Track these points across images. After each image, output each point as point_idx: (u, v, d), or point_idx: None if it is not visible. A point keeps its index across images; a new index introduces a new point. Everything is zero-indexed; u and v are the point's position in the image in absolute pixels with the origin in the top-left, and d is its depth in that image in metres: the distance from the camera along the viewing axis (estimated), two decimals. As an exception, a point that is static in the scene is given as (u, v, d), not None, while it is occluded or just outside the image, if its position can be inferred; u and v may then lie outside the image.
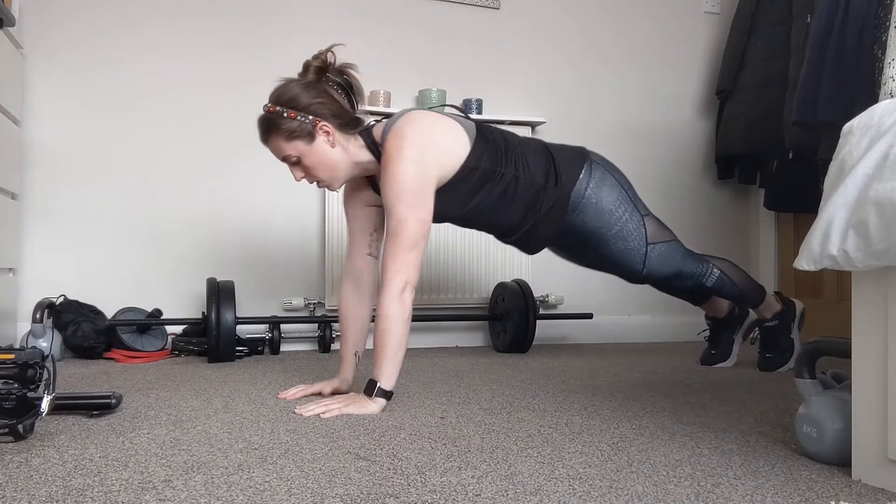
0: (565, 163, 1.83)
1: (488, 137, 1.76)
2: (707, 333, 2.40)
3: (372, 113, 2.77)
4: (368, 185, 1.82)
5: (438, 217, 1.70)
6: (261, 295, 2.72)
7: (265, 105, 1.67)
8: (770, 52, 2.87)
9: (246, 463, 1.14)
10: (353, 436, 1.33)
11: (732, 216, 3.39)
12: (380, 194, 1.72)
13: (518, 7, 3.09)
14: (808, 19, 2.43)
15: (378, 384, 1.58)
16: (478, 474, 1.10)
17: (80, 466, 1.12)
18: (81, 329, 2.35)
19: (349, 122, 1.70)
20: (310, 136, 1.64)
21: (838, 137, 1.14)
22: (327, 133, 1.65)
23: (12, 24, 2.25)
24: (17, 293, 2.46)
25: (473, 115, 2.89)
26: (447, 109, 1.84)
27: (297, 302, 2.72)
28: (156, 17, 2.67)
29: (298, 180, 1.72)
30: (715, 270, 2.05)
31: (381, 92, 2.81)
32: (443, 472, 1.11)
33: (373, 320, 1.69)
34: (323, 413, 1.51)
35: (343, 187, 1.84)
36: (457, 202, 1.75)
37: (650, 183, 3.25)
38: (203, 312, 2.46)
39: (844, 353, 1.18)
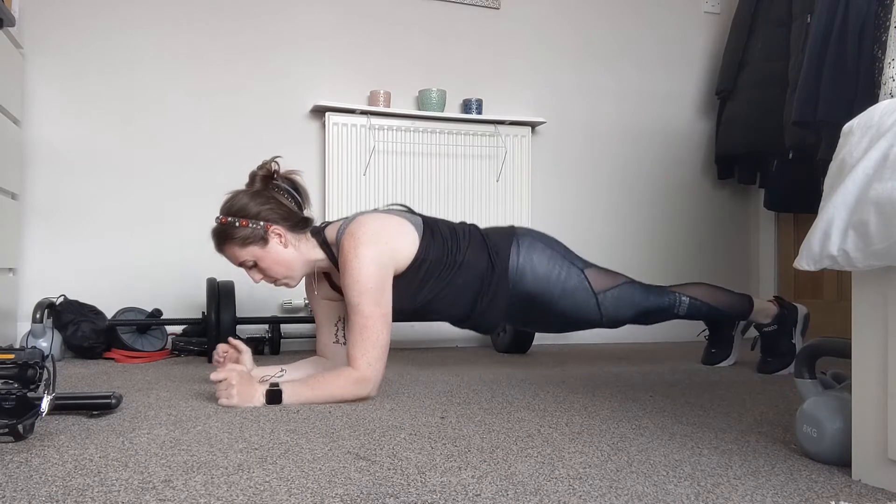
0: (498, 243, 1.92)
1: (434, 231, 1.86)
2: (706, 333, 2.40)
3: (372, 113, 2.77)
4: (325, 281, 1.92)
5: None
6: (261, 295, 2.72)
7: (217, 217, 1.76)
8: (770, 52, 2.87)
9: (246, 463, 1.14)
10: (353, 436, 1.33)
11: (732, 216, 3.39)
12: (336, 290, 1.86)
13: (518, 7, 3.09)
14: (808, 19, 2.43)
15: (280, 388, 1.60)
16: (478, 474, 1.10)
17: (80, 466, 1.11)
18: (81, 329, 2.35)
19: (298, 223, 1.79)
20: (263, 240, 1.73)
21: (838, 137, 1.14)
22: (279, 235, 1.75)
23: (12, 25, 2.25)
24: (17, 293, 2.46)
25: (473, 115, 2.90)
26: (394, 208, 1.92)
27: (297, 302, 2.72)
28: (156, 17, 2.67)
29: (257, 282, 1.82)
30: (683, 299, 2.09)
31: (381, 92, 2.81)
32: (443, 472, 1.11)
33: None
34: (221, 402, 1.57)
35: (303, 282, 1.92)
36: (407, 294, 1.82)
37: (650, 183, 3.26)
38: (203, 312, 2.46)
39: (844, 353, 1.18)
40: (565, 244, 2.03)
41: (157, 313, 2.52)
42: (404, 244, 1.79)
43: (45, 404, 1.30)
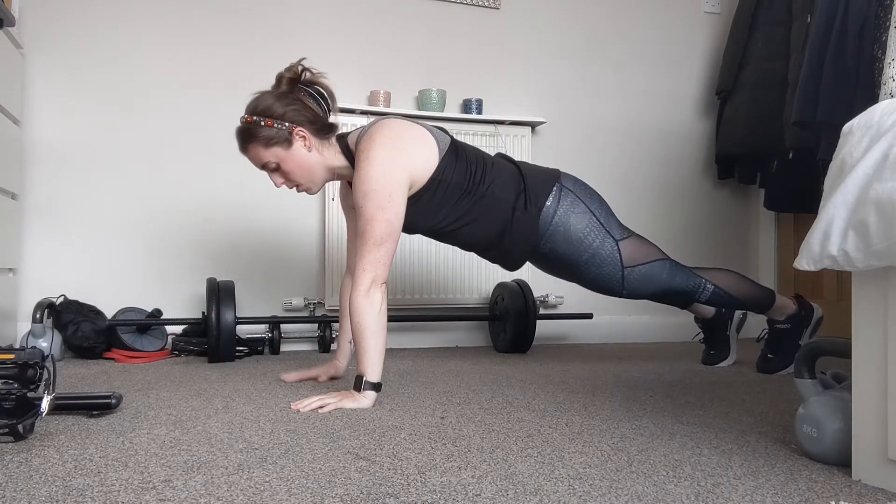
0: (535, 186, 1.86)
1: (460, 154, 1.80)
2: (701, 336, 2.41)
3: (372, 113, 2.77)
4: (350, 189, 1.87)
5: (408, 227, 1.75)
6: (261, 295, 2.72)
7: (242, 117, 1.75)
8: (770, 52, 2.87)
9: (246, 463, 1.14)
10: (353, 436, 1.33)
11: (732, 216, 3.39)
12: None
13: (518, 7, 3.09)
14: (808, 19, 2.43)
15: (364, 378, 1.62)
16: (478, 474, 1.10)
17: (80, 466, 1.12)
18: (81, 329, 2.35)
19: (324, 128, 1.77)
20: (287, 141, 1.72)
21: (838, 137, 1.14)
22: (304, 138, 1.72)
23: (12, 24, 2.25)
24: (17, 293, 2.46)
25: (473, 115, 2.90)
26: (421, 123, 1.86)
27: (297, 302, 2.72)
28: (155, 17, 2.67)
29: (278, 186, 1.80)
30: (709, 286, 2.02)
31: (381, 92, 2.81)
32: (443, 472, 1.11)
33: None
34: (320, 409, 1.55)
35: (339, 189, 1.91)
36: (425, 214, 1.79)
37: (650, 183, 3.26)
38: (203, 312, 2.46)
39: (844, 353, 1.18)
40: (607, 204, 1.96)
41: (157, 313, 2.52)
42: (422, 155, 1.73)
43: (45, 404, 1.30)
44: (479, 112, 2.92)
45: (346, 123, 2.75)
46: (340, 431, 1.36)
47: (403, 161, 1.69)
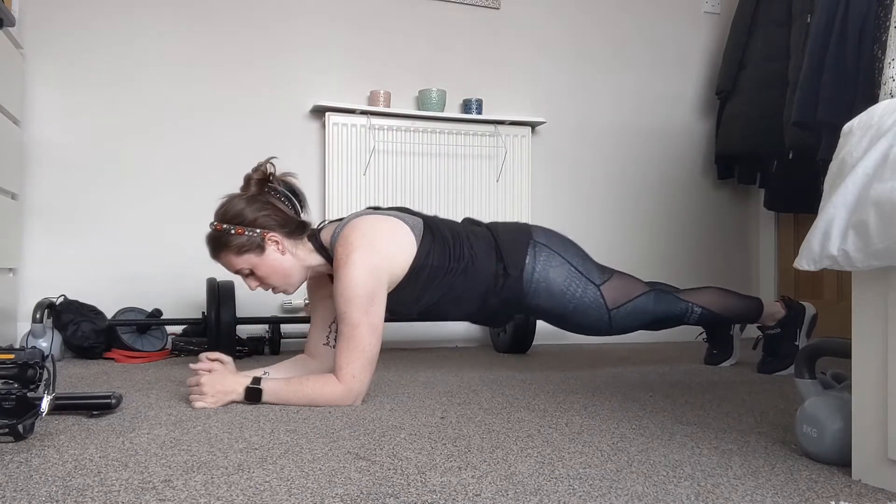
0: (511, 249, 1.85)
1: (436, 234, 1.78)
2: (704, 335, 2.41)
3: (372, 113, 2.77)
4: (328, 280, 1.82)
5: (389, 316, 1.70)
6: (261, 295, 2.71)
7: (211, 223, 1.71)
8: (770, 52, 2.87)
9: (246, 463, 1.14)
10: (353, 436, 1.33)
11: (732, 216, 3.39)
12: None
13: (518, 7, 3.09)
14: (808, 19, 2.43)
15: (262, 387, 1.58)
16: (478, 474, 1.10)
17: (80, 466, 1.11)
18: (81, 329, 2.35)
19: (296, 229, 1.74)
20: (259, 247, 1.68)
21: (838, 137, 1.14)
22: (276, 242, 1.69)
23: (12, 25, 2.25)
24: (17, 293, 2.46)
25: (473, 115, 2.90)
26: (393, 209, 1.85)
27: (297, 302, 2.72)
28: (155, 17, 2.67)
29: (254, 289, 1.77)
30: (696, 309, 2.06)
31: (381, 92, 2.81)
32: (443, 472, 1.11)
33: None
34: (194, 404, 1.54)
35: (306, 283, 1.86)
36: (407, 301, 1.77)
37: (650, 183, 3.26)
38: (203, 312, 2.46)
39: (844, 353, 1.18)
40: (581, 249, 1.98)
41: (157, 313, 2.52)
42: (401, 250, 1.72)
43: (45, 404, 1.30)
44: (479, 112, 2.92)
45: (346, 123, 2.75)
46: (340, 431, 1.36)
47: (382, 261, 1.66)
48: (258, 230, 1.67)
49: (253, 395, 1.58)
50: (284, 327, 2.64)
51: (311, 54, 2.85)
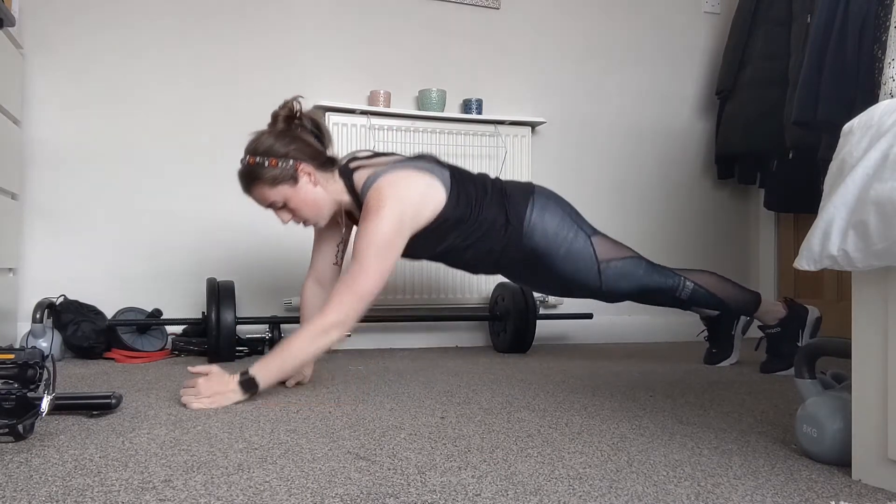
0: (516, 199, 1.94)
1: (461, 186, 1.86)
2: (706, 334, 2.40)
3: (372, 113, 2.77)
4: (347, 218, 1.93)
5: (408, 256, 1.82)
6: (261, 295, 2.72)
7: (243, 159, 1.75)
8: (770, 51, 2.87)
9: (246, 463, 1.14)
10: (353, 436, 1.33)
11: (732, 216, 3.39)
12: (355, 224, 1.86)
13: (518, 7, 3.09)
14: (808, 19, 2.43)
15: (250, 372, 1.60)
16: (478, 474, 1.10)
17: (80, 466, 1.12)
18: (81, 329, 2.35)
19: (326, 162, 1.80)
20: (293, 179, 1.73)
21: (838, 137, 1.14)
22: (309, 174, 1.75)
23: (12, 24, 2.25)
24: (17, 293, 2.46)
25: (473, 115, 2.90)
26: (423, 159, 1.91)
27: (297, 302, 2.71)
28: (155, 17, 2.67)
29: (286, 223, 1.82)
30: (688, 283, 2.07)
31: (382, 92, 2.81)
32: (443, 472, 1.11)
33: None
34: (191, 405, 1.54)
35: None
36: (427, 247, 1.87)
37: (650, 183, 3.26)
38: (203, 312, 2.46)
39: (844, 353, 1.18)
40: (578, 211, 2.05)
41: (157, 313, 2.52)
42: (430, 207, 1.79)
43: (45, 404, 1.30)
44: (479, 112, 2.92)
45: (346, 123, 2.75)
46: (340, 431, 1.36)
47: (410, 218, 1.74)
48: (291, 161, 1.71)
49: (248, 384, 1.59)
50: (284, 327, 2.64)
51: (311, 54, 2.85)
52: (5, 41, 2.24)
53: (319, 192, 1.77)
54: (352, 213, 1.91)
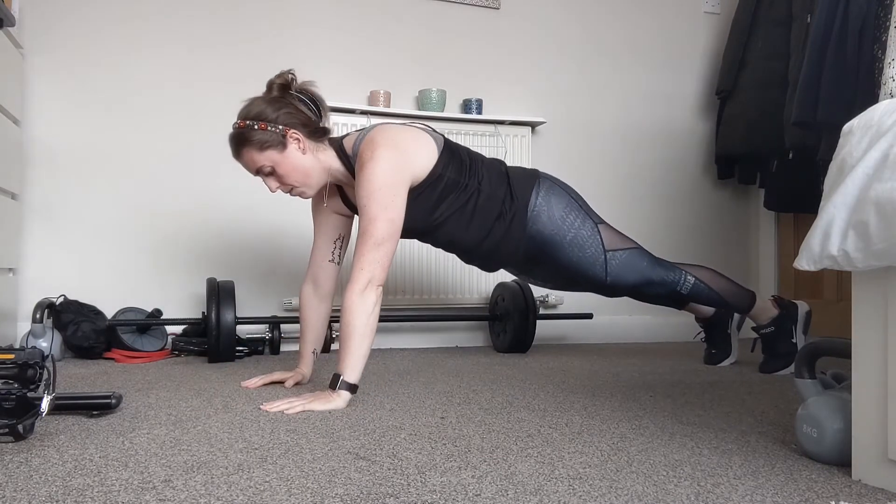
0: (519, 180, 1.93)
1: (454, 151, 1.86)
2: (702, 335, 2.40)
3: (373, 113, 2.77)
4: (337, 193, 1.90)
5: (407, 224, 1.74)
6: (261, 295, 2.72)
7: (234, 123, 1.74)
8: (770, 52, 2.87)
9: (246, 463, 1.14)
10: (353, 436, 1.33)
11: (732, 216, 3.39)
12: (347, 206, 1.87)
13: (518, 7, 3.09)
14: (808, 19, 2.44)
15: (341, 377, 1.60)
16: (478, 474, 1.10)
17: (80, 466, 1.12)
18: (81, 329, 2.35)
19: (317, 131, 1.78)
20: (281, 144, 1.72)
21: (838, 137, 1.14)
22: (298, 140, 1.73)
23: (12, 24, 2.25)
24: (17, 293, 2.46)
25: (473, 115, 2.90)
26: (417, 123, 1.91)
27: (297, 302, 2.72)
28: (155, 17, 2.67)
29: (273, 191, 1.80)
30: (689, 278, 2.07)
31: (381, 92, 2.81)
32: (443, 472, 1.11)
33: (336, 320, 1.77)
34: (287, 409, 1.53)
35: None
36: (423, 211, 1.82)
37: (650, 183, 3.26)
38: (203, 312, 2.46)
39: (844, 353, 1.18)
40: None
41: (157, 313, 2.52)
42: (422, 155, 1.77)
43: (45, 404, 1.30)
44: (479, 112, 2.92)
45: (346, 123, 2.75)
46: (340, 431, 1.36)
47: (406, 161, 1.73)
48: (280, 126, 1.71)
49: (347, 386, 1.60)
50: (284, 327, 2.64)
51: (312, 54, 2.84)
52: (5, 41, 2.24)
53: (308, 159, 1.74)
54: (343, 190, 1.89)
